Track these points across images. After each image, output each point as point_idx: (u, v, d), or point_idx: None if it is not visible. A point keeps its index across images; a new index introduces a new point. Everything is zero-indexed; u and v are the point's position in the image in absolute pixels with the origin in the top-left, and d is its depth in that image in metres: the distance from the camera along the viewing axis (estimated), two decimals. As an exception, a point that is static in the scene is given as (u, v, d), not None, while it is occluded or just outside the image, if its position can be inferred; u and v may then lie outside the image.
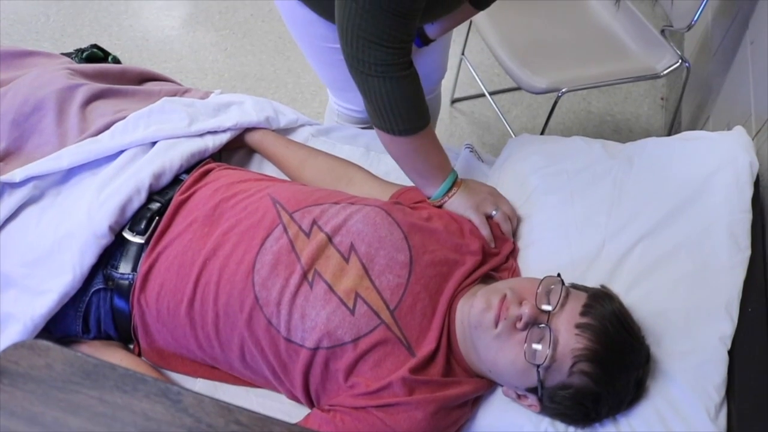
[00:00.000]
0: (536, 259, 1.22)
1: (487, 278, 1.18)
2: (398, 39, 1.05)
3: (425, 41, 1.51)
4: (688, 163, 1.25)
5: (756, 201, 1.22)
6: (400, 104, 1.11)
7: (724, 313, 1.08)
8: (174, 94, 1.49)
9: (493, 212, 1.24)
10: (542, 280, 1.03)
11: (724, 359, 1.04)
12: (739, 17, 1.86)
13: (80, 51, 2.48)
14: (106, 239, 1.16)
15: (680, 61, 1.90)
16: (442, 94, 1.85)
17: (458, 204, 1.25)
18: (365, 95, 1.12)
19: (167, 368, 1.19)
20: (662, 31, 1.97)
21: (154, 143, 1.32)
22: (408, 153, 1.22)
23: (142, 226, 1.19)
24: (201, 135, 1.35)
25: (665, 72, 1.90)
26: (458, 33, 1.78)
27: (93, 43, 2.57)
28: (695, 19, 1.81)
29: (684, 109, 2.27)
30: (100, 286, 1.16)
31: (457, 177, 1.26)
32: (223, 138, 1.38)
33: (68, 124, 1.34)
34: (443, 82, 1.78)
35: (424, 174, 1.25)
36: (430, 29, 1.48)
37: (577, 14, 2.12)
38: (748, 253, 1.15)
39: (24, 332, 1.10)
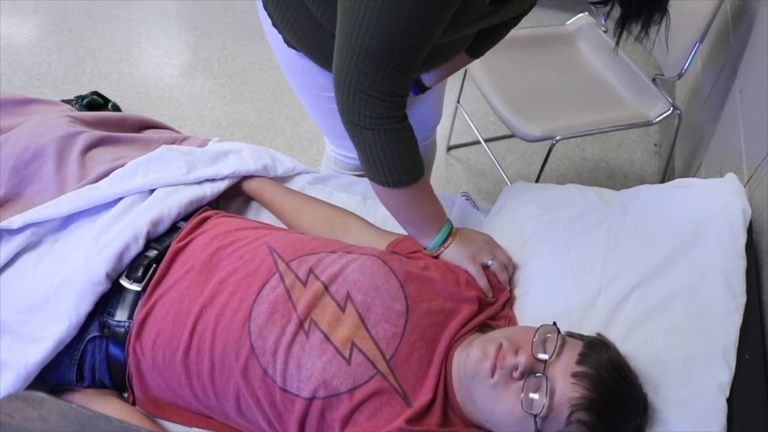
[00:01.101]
0: (532, 307, 1.22)
1: (484, 327, 1.17)
2: (395, 93, 1.06)
3: (421, 89, 1.53)
4: (682, 211, 1.26)
5: (749, 247, 1.23)
6: (393, 157, 1.12)
7: (722, 361, 1.07)
8: (173, 142, 1.51)
9: (490, 262, 1.25)
10: (538, 328, 1.03)
11: (722, 407, 1.03)
12: (727, 67, 1.90)
13: (81, 98, 2.53)
14: (102, 286, 1.16)
15: (672, 108, 1.94)
16: (438, 141, 1.87)
17: (454, 254, 1.25)
18: (359, 147, 1.13)
19: (162, 417, 1.17)
20: (654, 80, 2.01)
21: (152, 191, 1.33)
22: (402, 205, 1.22)
23: (139, 274, 1.19)
24: (199, 183, 1.36)
25: (658, 119, 1.94)
26: (453, 81, 1.82)
27: (93, 90, 2.62)
28: (685, 68, 1.85)
29: (677, 155, 2.30)
30: (96, 334, 1.16)
31: (452, 227, 1.27)
32: (221, 186, 1.39)
33: (68, 171, 1.36)
34: (439, 129, 1.80)
35: (419, 225, 1.25)
36: (427, 77, 1.50)
37: (570, 63, 2.16)
38: (743, 299, 1.15)
39: (17, 380, 1.09)
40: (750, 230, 1.25)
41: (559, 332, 1.02)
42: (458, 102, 2.36)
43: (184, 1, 3.21)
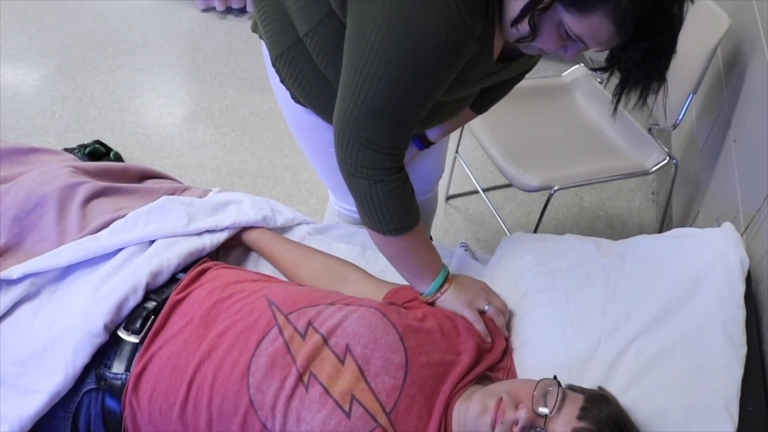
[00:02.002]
0: (532, 358, 1.21)
1: (484, 379, 1.17)
2: (394, 146, 1.08)
3: (426, 144, 1.55)
4: (680, 261, 1.26)
5: (749, 297, 1.23)
6: (390, 206, 1.13)
7: (724, 413, 1.07)
8: (173, 192, 1.52)
9: (486, 307, 1.25)
10: (539, 382, 1.02)
11: (726, 461, 1.02)
12: (721, 117, 1.93)
13: (83, 146, 2.55)
14: (100, 338, 1.15)
15: (668, 158, 1.96)
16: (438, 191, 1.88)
17: (450, 300, 1.25)
18: (355, 196, 1.15)
19: (158, 471, 1.15)
20: (650, 130, 2.04)
21: (152, 241, 1.33)
22: (399, 251, 1.23)
23: (137, 325, 1.18)
24: (199, 234, 1.37)
25: (654, 169, 1.95)
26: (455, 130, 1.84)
27: (96, 138, 2.65)
28: (680, 118, 1.88)
29: (674, 203, 2.31)
30: (92, 386, 1.15)
31: (448, 273, 1.28)
32: (221, 237, 1.40)
33: (68, 222, 1.36)
34: (438, 179, 1.81)
35: (416, 271, 1.26)
36: (432, 133, 1.52)
37: (567, 113, 2.19)
38: (744, 350, 1.14)
39: (11, 434, 1.08)
40: (749, 280, 1.25)
41: (559, 386, 1.01)
42: (457, 152, 2.39)
43: (187, 52, 3.26)
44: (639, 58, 0.94)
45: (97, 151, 2.57)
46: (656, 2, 0.88)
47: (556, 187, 1.84)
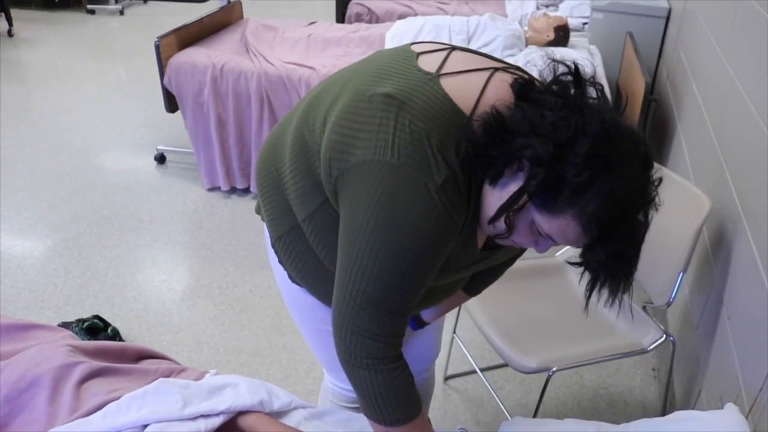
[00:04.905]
0: None
1: None
2: (391, 334, 1.10)
3: (421, 324, 1.57)
4: (685, 447, 1.24)
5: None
6: (390, 396, 1.13)
7: None
8: (170, 374, 1.51)
9: None
10: None
11: None
12: (713, 294, 1.96)
13: (81, 321, 2.56)
14: None
15: (665, 335, 1.97)
16: (435, 371, 1.86)
17: None
18: (357, 387, 1.14)
19: None
20: (644, 307, 2.06)
21: (145, 426, 1.30)
22: None
23: None
24: (194, 418, 1.34)
25: (651, 347, 1.95)
26: (450, 311, 1.86)
27: (95, 313, 2.67)
28: (673, 296, 1.91)
29: (676, 380, 2.28)
30: None
31: None
32: (216, 422, 1.36)
33: (61, 402, 1.34)
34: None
35: None
36: (426, 313, 1.55)
37: (562, 293, 2.23)
38: None
39: None
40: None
41: None
42: (454, 332, 2.40)
43: (191, 230, 3.37)
44: (603, 259, 0.99)
45: (95, 326, 2.58)
46: (619, 210, 0.94)
47: (554, 369, 1.84)
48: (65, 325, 2.56)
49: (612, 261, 0.99)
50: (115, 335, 2.59)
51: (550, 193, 0.94)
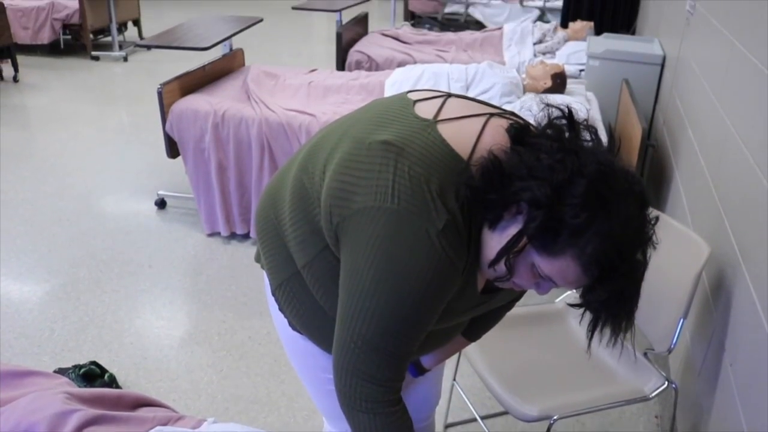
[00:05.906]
0: None
1: None
2: (391, 378, 1.10)
3: (421, 371, 1.56)
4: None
5: None
6: None
7: None
8: (167, 422, 1.49)
9: None
10: None
11: None
12: (714, 340, 1.95)
13: (78, 367, 2.54)
14: None
15: (666, 383, 1.95)
16: (435, 419, 1.84)
17: None
18: (356, 430, 1.14)
19: None
20: (645, 354, 2.05)
21: (141, 476, 1.29)
22: None
23: None
24: (190, 468, 1.33)
25: (653, 395, 1.93)
26: (450, 358, 1.85)
27: (92, 359, 2.64)
28: (674, 343, 1.90)
29: (679, 428, 2.25)
30: None
31: None
32: (213, 470, 1.35)
33: (56, 452, 1.33)
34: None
35: None
36: (426, 360, 1.54)
37: (562, 339, 2.21)
38: None
39: None
40: None
41: None
42: (454, 380, 2.38)
43: (190, 275, 3.36)
44: (604, 299, 0.99)
45: (92, 372, 2.56)
46: (618, 249, 0.95)
47: (555, 417, 1.82)
48: (62, 371, 2.54)
49: (613, 300, 0.99)
50: (112, 382, 2.56)
51: (549, 235, 0.95)
